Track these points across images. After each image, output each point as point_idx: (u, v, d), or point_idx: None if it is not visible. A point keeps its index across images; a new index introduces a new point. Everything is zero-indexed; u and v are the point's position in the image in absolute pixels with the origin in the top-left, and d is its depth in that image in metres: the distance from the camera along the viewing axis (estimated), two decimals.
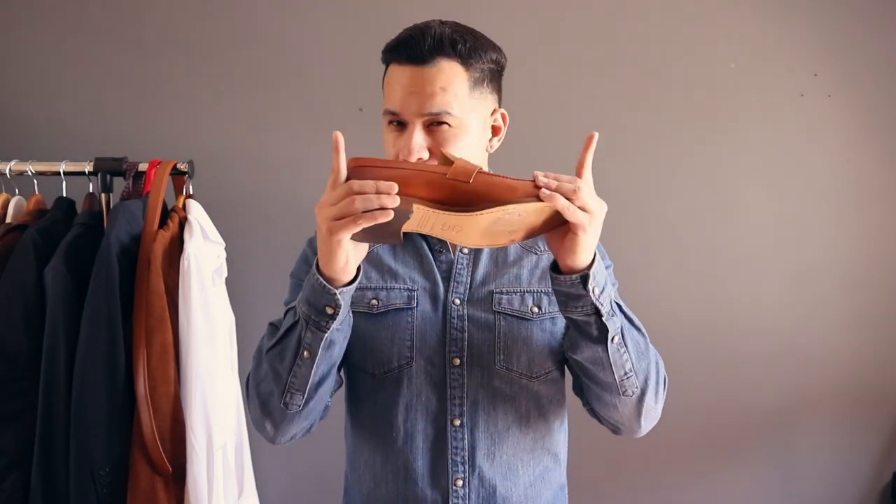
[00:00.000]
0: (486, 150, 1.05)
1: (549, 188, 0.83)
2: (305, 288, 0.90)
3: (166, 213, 1.48)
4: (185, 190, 1.55)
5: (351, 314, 0.97)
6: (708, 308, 1.86)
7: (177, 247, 1.44)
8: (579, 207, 0.83)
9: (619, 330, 0.93)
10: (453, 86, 0.96)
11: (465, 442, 1.01)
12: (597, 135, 0.87)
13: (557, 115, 1.82)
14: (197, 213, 1.49)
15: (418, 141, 0.95)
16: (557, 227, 0.87)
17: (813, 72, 1.82)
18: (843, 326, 1.87)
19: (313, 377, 0.93)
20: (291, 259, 1.14)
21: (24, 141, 1.76)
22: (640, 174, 1.83)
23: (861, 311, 1.87)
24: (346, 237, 0.83)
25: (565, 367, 1.07)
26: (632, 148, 1.83)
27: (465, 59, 0.97)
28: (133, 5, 1.81)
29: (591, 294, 0.88)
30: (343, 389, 1.11)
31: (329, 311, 0.88)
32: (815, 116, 1.83)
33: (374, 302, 1.04)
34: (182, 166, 1.52)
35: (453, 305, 1.03)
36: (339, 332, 0.93)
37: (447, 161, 0.88)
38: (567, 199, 0.82)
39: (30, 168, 1.51)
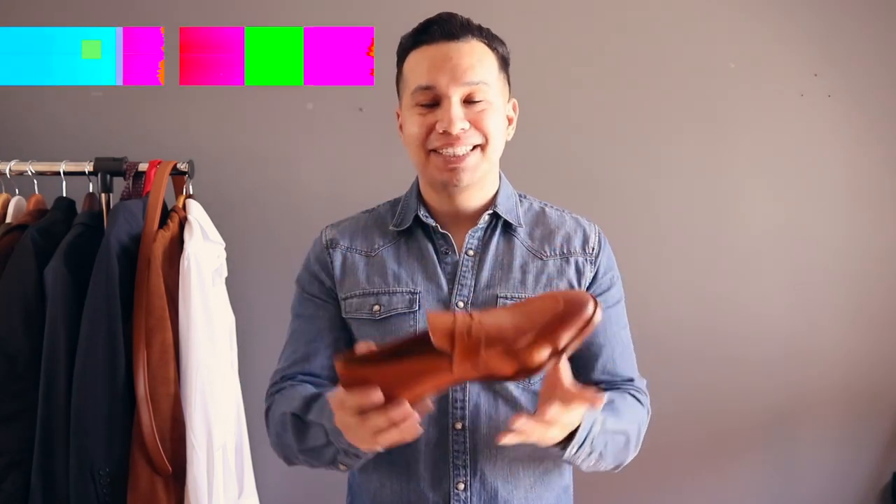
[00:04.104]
0: (505, 139, 1.06)
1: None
2: (336, 436, 0.90)
3: (166, 213, 1.48)
4: (185, 190, 1.55)
5: None
6: (708, 308, 1.86)
7: (177, 247, 1.44)
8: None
9: (598, 454, 0.96)
10: (487, 61, 0.99)
11: (467, 445, 1.00)
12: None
13: (557, 115, 1.81)
14: (197, 213, 1.49)
15: (458, 113, 0.96)
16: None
17: (813, 72, 1.82)
18: (843, 327, 1.87)
19: None
20: (291, 259, 1.13)
21: (24, 141, 1.76)
22: (639, 175, 1.83)
23: (861, 312, 1.87)
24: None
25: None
26: (631, 148, 1.83)
27: (490, 42, 1.01)
28: None
29: (568, 458, 0.93)
30: None
31: (361, 455, 0.92)
32: (815, 116, 1.83)
33: (377, 308, 1.04)
34: (182, 166, 1.52)
35: (457, 308, 1.02)
36: None
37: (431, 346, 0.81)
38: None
39: (30, 168, 1.51)
